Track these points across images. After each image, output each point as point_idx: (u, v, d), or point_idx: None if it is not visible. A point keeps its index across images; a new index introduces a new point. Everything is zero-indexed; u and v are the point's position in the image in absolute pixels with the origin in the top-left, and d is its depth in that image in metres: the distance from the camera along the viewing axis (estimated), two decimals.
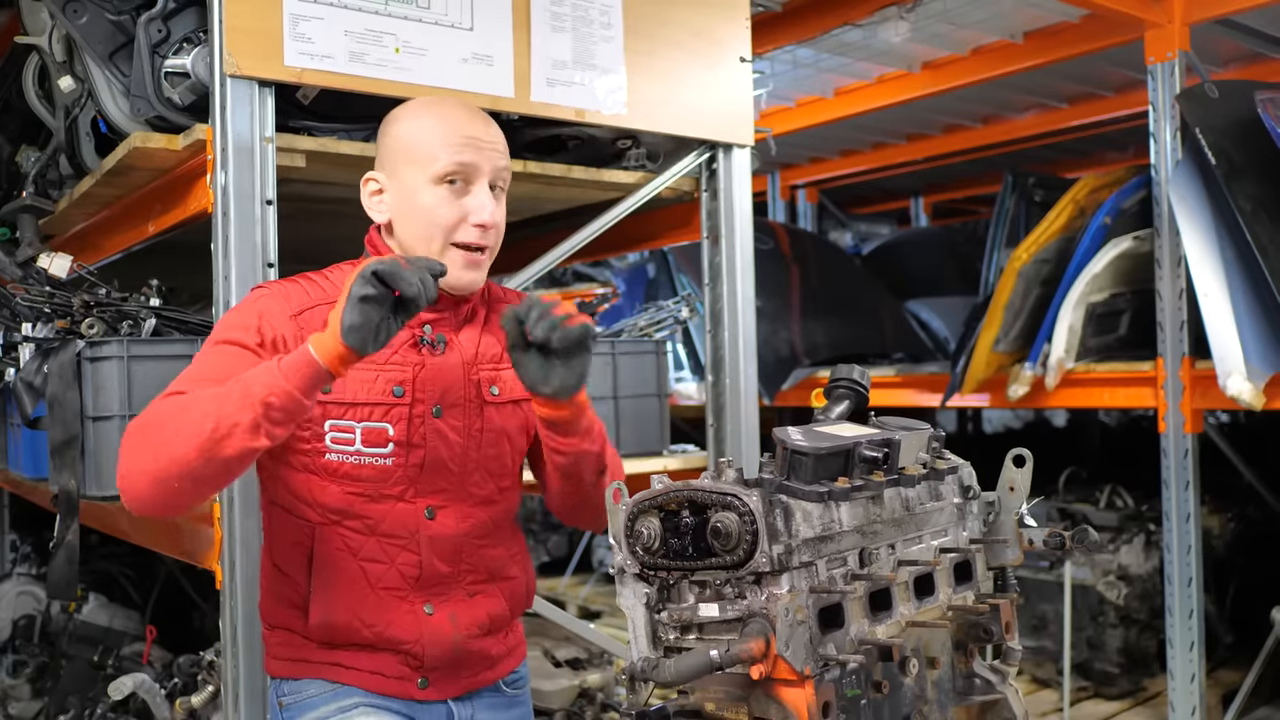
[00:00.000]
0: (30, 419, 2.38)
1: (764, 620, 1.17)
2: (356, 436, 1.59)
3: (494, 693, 1.75)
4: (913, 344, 5.36)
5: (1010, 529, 1.50)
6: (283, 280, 1.68)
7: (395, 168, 1.64)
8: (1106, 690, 4.23)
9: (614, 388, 2.88)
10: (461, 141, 1.61)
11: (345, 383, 1.57)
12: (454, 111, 1.66)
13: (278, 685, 1.69)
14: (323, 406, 1.57)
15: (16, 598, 3.92)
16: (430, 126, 1.63)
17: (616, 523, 1.28)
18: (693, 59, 2.66)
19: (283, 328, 1.57)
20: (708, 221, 2.82)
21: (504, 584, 1.74)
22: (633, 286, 5.91)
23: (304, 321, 1.58)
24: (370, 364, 1.58)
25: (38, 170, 2.81)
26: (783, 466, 1.26)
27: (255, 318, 1.57)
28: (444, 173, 1.60)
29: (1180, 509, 3.65)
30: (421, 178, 1.61)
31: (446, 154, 1.60)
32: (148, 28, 2.15)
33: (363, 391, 1.59)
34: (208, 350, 1.57)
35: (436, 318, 1.66)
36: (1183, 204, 3.52)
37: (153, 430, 1.44)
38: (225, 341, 1.56)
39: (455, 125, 1.62)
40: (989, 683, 1.45)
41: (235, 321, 1.58)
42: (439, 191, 1.61)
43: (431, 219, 1.61)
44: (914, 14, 3.82)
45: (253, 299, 1.62)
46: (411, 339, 1.64)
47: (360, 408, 1.59)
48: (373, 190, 1.68)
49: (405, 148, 1.63)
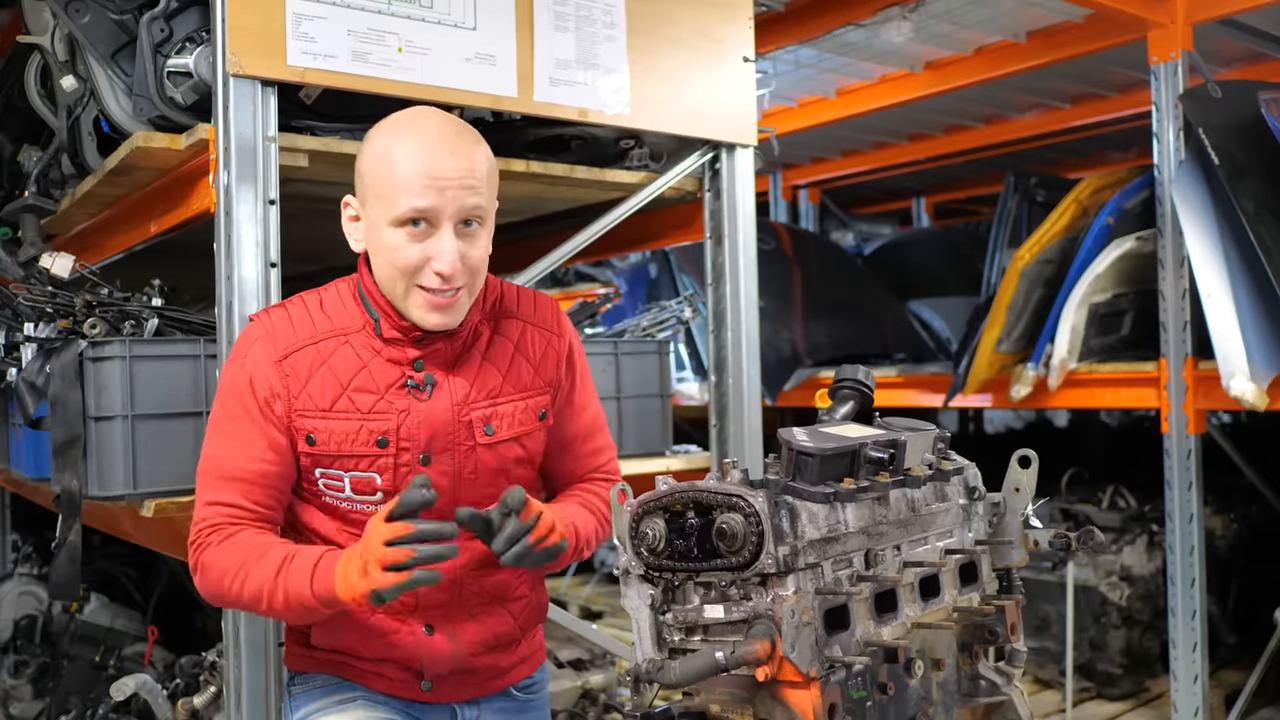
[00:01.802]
0: (32, 419, 2.37)
1: (769, 622, 1.17)
2: (345, 485, 1.60)
3: (504, 698, 1.75)
4: (915, 344, 5.35)
5: (1015, 530, 1.50)
6: (275, 309, 1.65)
7: (364, 198, 1.58)
8: (1109, 691, 4.22)
9: (617, 388, 2.87)
10: (422, 184, 1.50)
11: (330, 435, 1.58)
12: (421, 144, 1.52)
13: (290, 678, 1.74)
14: (311, 457, 1.59)
15: (18, 598, 3.91)
16: (393, 162, 1.52)
17: (621, 524, 1.28)
18: (696, 59, 2.65)
19: (270, 380, 1.58)
20: (710, 221, 2.82)
21: (512, 604, 1.72)
22: (635, 287, 5.90)
23: (288, 368, 1.58)
24: (355, 413, 1.58)
25: (40, 170, 2.81)
26: (788, 467, 1.25)
27: (248, 382, 1.58)
28: (402, 217, 1.51)
29: (1183, 510, 3.64)
30: (383, 217, 1.53)
31: (405, 198, 1.50)
32: (150, 27, 2.14)
33: (346, 443, 1.58)
34: (219, 427, 1.60)
35: (428, 351, 1.61)
36: (1186, 204, 3.51)
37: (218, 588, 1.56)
38: (232, 416, 1.59)
39: (418, 163, 1.50)
40: (994, 684, 1.45)
41: (234, 388, 1.59)
42: (399, 234, 1.52)
43: (391, 260, 1.53)
44: (916, 14, 3.82)
45: (244, 348, 1.61)
46: (400, 379, 1.60)
47: (346, 459, 1.59)
48: (350, 216, 1.63)
49: (371, 180, 1.55)
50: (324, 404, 1.57)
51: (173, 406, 2.21)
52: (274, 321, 1.62)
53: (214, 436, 1.61)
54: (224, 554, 1.54)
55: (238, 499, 1.57)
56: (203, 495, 1.59)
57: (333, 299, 1.65)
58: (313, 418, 1.57)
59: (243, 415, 1.57)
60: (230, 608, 1.76)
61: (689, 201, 2.90)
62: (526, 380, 1.69)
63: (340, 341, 1.60)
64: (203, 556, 1.56)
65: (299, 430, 1.57)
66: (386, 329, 1.60)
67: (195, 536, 1.58)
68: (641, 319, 3.17)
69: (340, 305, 1.63)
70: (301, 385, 1.57)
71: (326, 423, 1.57)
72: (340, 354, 1.59)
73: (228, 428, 1.59)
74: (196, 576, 1.58)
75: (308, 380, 1.57)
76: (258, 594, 1.51)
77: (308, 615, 1.54)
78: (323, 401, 1.57)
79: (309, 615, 1.54)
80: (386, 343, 1.60)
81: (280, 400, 1.57)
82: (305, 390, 1.57)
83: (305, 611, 1.51)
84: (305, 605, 1.49)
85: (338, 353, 1.59)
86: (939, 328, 5.53)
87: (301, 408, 1.57)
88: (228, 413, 1.59)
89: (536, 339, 1.71)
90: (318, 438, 1.57)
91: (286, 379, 1.57)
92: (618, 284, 5.96)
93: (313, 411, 1.57)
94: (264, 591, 1.50)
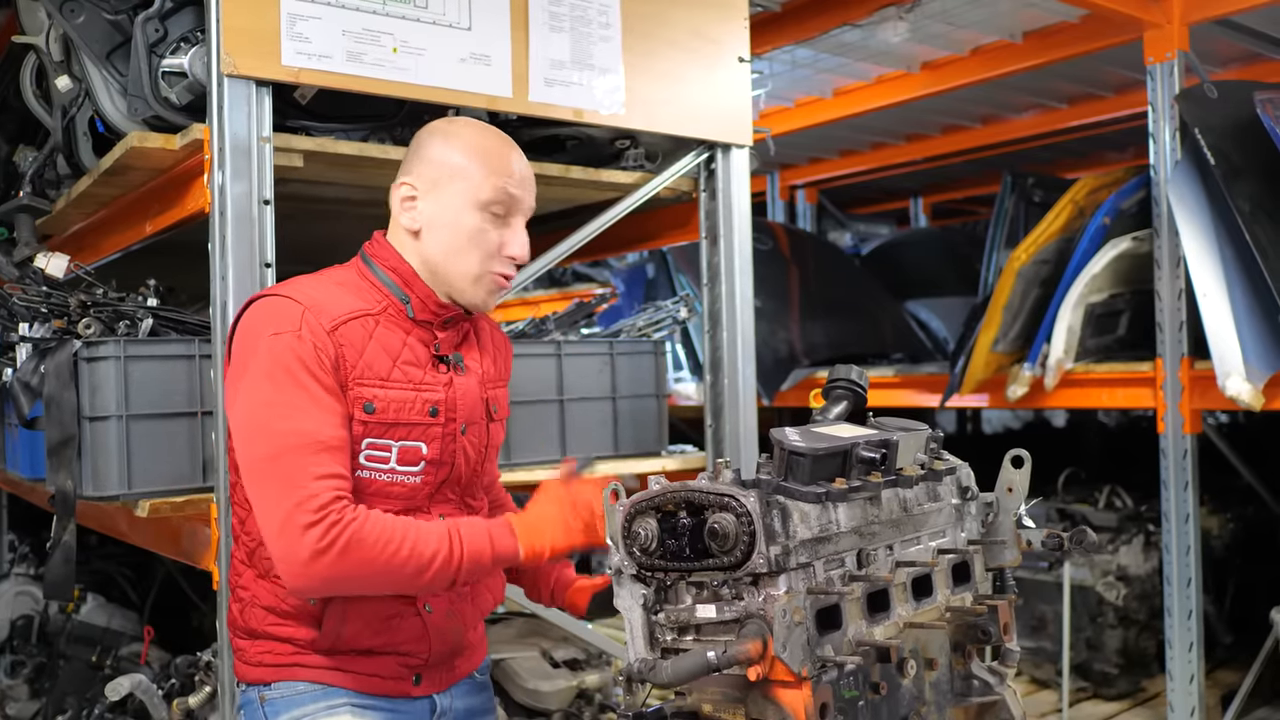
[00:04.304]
0: (27, 419, 2.37)
1: (761, 621, 1.17)
2: (393, 455, 1.62)
3: (468, 681, 1.80)
4: (912, 344, 5.36)
5: (1008, 530, 1.50)
6: (290, 286, 1.62)
7: (438, 181, 1.65)
8: (1105, 691, 4.23)
9: (612, 388, 2.88)
10: (511, 174, 1.67)
11: (389, 403, 1.60)
12: (502, 144, 1.70)
13: (259, 687, 1.67)
14: (363, 425, 1.58)
15: (15, 598, 3.91)
16: (482, 151, 1.67)
17: (614, 524, 1.28)
18: (691, 59, 2.65)
19: (329, 348, 1.56)
20: (706, 222, 2.82)
21: (487, 579, 1.79)
22: (631, 287, 5.90)
23: (341, 337, 1.57)
24: (409, 384, 1.63)
25: (35, 170, 2.81)
26: (780, 467, 1.26)
27: (312, 350, 1.54)
28: (492, 200, 1.64)
29: (1179, 510, 3.64)
30: (467, 199, 1.64)
31: (497, 182, 1.65)
32: (145, 27, 2.14)
33: (404, 412, 1.62)
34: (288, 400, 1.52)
35: (446, 335, 1.70)
36: (1182, 204, 3.51)
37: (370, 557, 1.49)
38: (303, 386, 1.52)
39: (505, 158, 1.68)
40: (987, 684, 1.45)
41: (297, 357, 1.53)
42: (482, 217, 1.65)
43: (473, 242, 1.65)
44: (913, 14, 3.82)
45: (292, 319, 1.55)
46: (431, 358, 1.67)
47: (399, 428, 1.62)
48: (405, 196, 1.67)
49: (454, 166, 1.65)
50: (382, 374, 1.60)
51: (167, 406, 2.21)
52: (305, 295, 1.59)
53: (286, 411, 1.51)
54: (377, 524, 1.50)
55: (342, 469, 1.52)
56: (302, 469, 1.48)
57: (347, 282, 1.67)
58: (372, 386, 1.59)
59: (314, 383, 1.53)
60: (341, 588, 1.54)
61: (685, 202, 2.90)
62: (500, 371, 1.84)
63: (375, 320, 1.63)
64: (350, 531, 1.47)
65: (357, 399, 1.58)
66: (419, 310, 1.67)
67: (319, 515, 1.46)
68: (637, 319, 3.17)
69: (355, 288, 1.66)
70: (358, 354, 1.59)
71: (385, 391, 1.60)
72: (380, 330, 1.63)
73: (301, 399, 1.52)
74: (328, 555, 1.46)
75: (363, 351, 1.59)
76: (431, 557, 1.51)
77: (468, 577, 1.58)
78: (380, 371, 1.60)
79: (468, 576, 1.58)
80: (416, 324, 1.67)
81: (340, 369, 1.56)
82: (362, 359, 1.59)
83: (473, 571, 1.57)
84: (478, 563, 1.56)
85: (380, 327, 1.63)
86: (936, 328, 5.54)
87: (360, 376, 1.58)
88: (296, 383, 1.52)
89: (497, 337, 1.88)
90: (377, 405, 1.59)
91: (342, 348, 1.57)
92: (614, 284, 5.96)
93: (371, 380, 1.59)
94: (440, 551, 1.52)
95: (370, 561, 1.49)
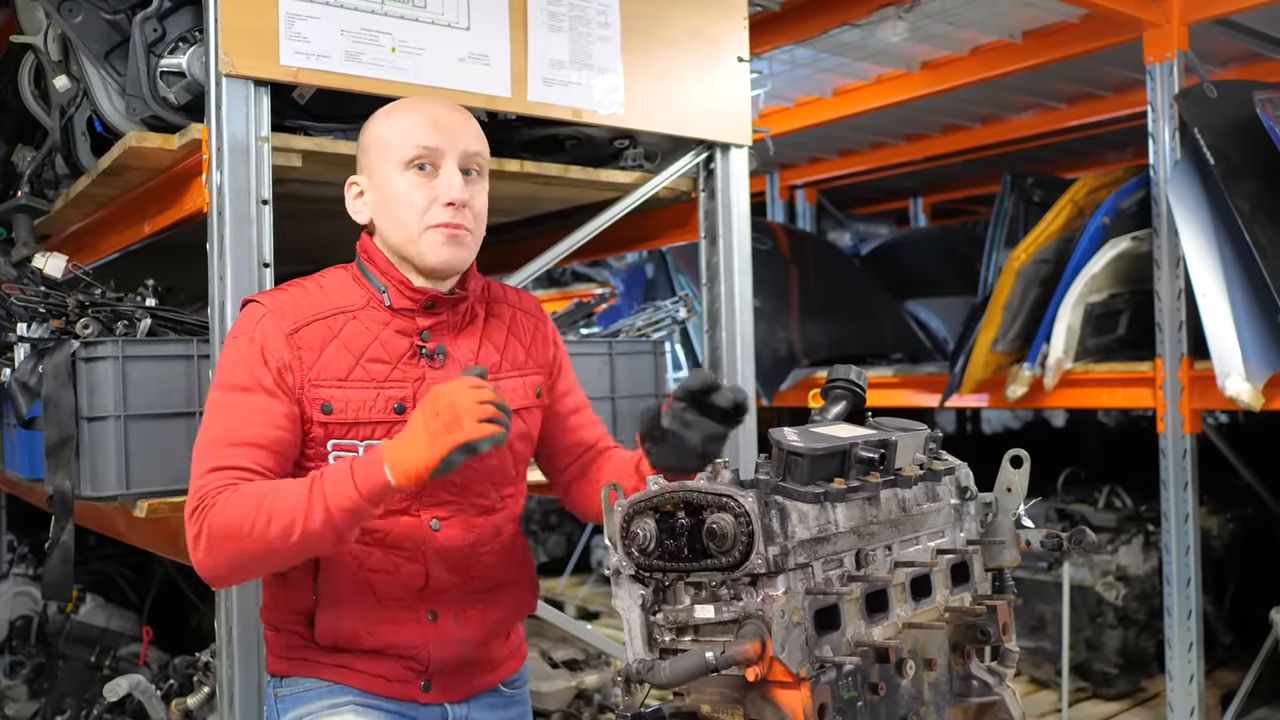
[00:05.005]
0: (25, 419, 2.37)
1: (760, 622, 1.17)
2: (360, 454, 1.57)
3: (493, 694, 1.76)
4: (911, 344, 5.36)
5: (1007, 530, 1.49)
6: (273, 291, 1.66)
7: (369, 165, 1.66)
8: (1105, 691, 4.23)
9: (611, 388, 2.87)
10: (426, 127, 1.63)
11: (347, 403, 1.59)
12: (421, 103, 1.69)
13: (275, 680, 1.70)
14: (324, 427, 1.58)
15: (13, 598, 3.91)
16: (397, 119, 1.66)
17: (612, 524, 1.28)
18: (690, 59, 2.65)
19: (282, 352, 1.56)
20: (705, 222, 2.82)
21: (508, 589, 1.75)
22: (631, 287, 5.90)
23: (299, 341, 1.58)
24: (371, 382, 1.60)
25: (33, 170, 2.80)
26: (779, 467, 1.25)
27: (259, 354, 1.56)
28: (410, 157, 1.61)
29: (1179, 509, 3.64)
30: (391, 166, 1.62)
31: (410, 139, 1.62)
32: (143, 27, 2.14)
33: (364, 410, 1.60)
34: (226, 400, 1.55)
35: (435, 322, 1.66)
36: (1181, 204, 3.51)
37: (234, 536, 1.47)
38: (242, 389, 1.55)
39: (420, 114, 1.65)
40: (986, 684, 1.44)
41: (243, 361, 1.56)
42: (408, 177, 1.62)
43: (405, 203, 1.61)
44: (912, 14, 3.82)
45: (250, 324, 1.59)
46: (410, 350, 1.64)
47: (362, 427, 1.60)
48: (355, 194, 1.69)
49: (376, 143, 1.65)
50: (340, 374, 1.59)
51: (166, 407, 2.20)
52: (278, 300, 1.62)
53: (219, 412, 1.55)
54: (236, 502, 1.46)
55: (246, 463, 1.51)
56: (204, 463, 1.51)
57: (332, 281, 1.67)
58: (328, 387, 1.58)
59: (256, 387, 1.55)
60: (242, 572, 1.56)
61: (684, 201, 2.89)
62: (521, 359, 1.77)
63: (348, 317, 1.62)
64: (209, 517, 1.46)
65: (313, 400, 1.57)
66: (396, 299, 1.64)
67: (197, 504, 1.48)
68: (637, 319, 3.16)
69: (341, 286, 1.66)
70: (315, 356, 1.58)
71: (343, 391, 1.59)
72: (350, 328, 1.62)
73: (237, 400, 1.54)
74: (200, 545, 1.48)
75: (321, 352, 1.59)
76: (290, 523, 1.44)
77: (349, 525, 1.48)
78: (338, 372, 1.59)
79: (351, 525, 1.48)
80: (395, 313, 1.64)
81: (293, 372, 1.56)
82: (319, 361, 1.58)
83: (349, 519, 1.46)
84: (349, 509, 1.45)
85: (347, 327, 1.62)
86: (936, 328, 5.54)
87: (316, 378, 1.58)
88: (237, 386, 1.55)
89: (525, 322, 1.81)
90: (334, 406, 1.58)
91: (299, 351, 1.57)
92: (614, 284, 5.96)
93: (328, 381, 1.58)
94: (298, 514, 1.44)
95: (236, 536, 1.46)
